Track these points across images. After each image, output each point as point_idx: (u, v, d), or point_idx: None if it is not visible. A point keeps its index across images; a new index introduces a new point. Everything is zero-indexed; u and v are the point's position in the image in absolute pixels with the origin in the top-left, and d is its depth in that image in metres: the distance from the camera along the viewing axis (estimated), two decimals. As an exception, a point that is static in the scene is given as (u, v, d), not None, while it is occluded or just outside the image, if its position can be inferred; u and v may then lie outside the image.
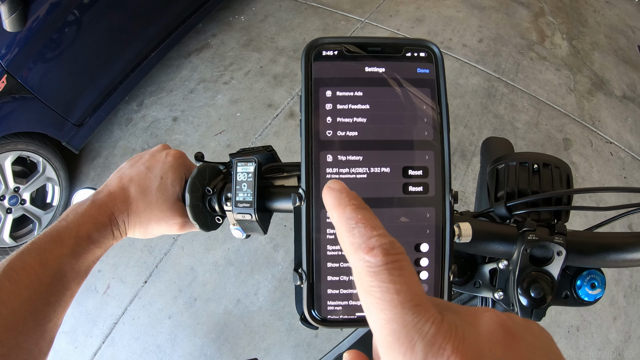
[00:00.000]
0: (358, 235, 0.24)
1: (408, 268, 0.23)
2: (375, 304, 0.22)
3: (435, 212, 0.38)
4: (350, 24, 3.65)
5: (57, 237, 0.52)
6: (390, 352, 0.21)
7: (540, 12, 4.01)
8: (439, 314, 0.22)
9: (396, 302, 0.21)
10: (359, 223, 0.24)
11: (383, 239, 0.23)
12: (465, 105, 3.04)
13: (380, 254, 0.23)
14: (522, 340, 0.22)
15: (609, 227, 2.10)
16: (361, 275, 0.23)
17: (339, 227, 0.25)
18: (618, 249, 0.56)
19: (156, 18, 2.94)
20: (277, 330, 2.14)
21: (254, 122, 2.96)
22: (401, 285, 0.22)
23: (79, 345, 2.18)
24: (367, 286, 0.22)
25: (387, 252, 0.23)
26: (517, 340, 0.22)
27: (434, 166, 0.38)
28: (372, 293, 0.22)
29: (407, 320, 0.21)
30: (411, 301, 0.21)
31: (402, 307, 0.21)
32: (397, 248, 0.23)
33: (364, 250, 0.23)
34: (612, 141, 2.99)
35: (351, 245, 0.24)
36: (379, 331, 0.22)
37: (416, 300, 0.22)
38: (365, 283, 0.22)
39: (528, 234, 0.55)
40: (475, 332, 0.22)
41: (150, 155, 0.64)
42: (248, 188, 0.55)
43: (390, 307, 0.21)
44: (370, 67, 0.38)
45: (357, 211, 0.25)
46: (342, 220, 0.25)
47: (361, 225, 0.24)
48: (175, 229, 0.62)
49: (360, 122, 0.37)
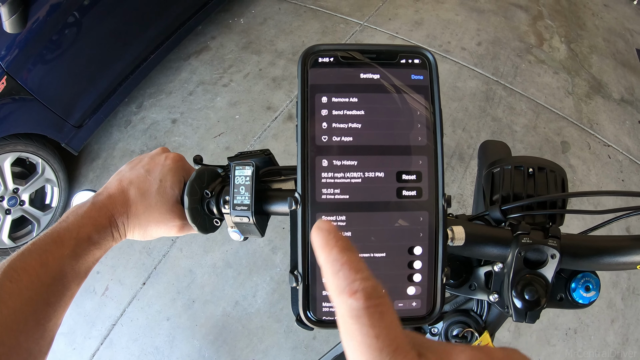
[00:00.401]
0: (342, 278, 0.24)
1: (388, 312, 0.23)
2: (356, 347, 0.22)
3: (429, 215, 0.38)
4: (349, 27, 3.66)
5: (57, 238, 0.53)
6: None
7: (538, 16, 4.03)
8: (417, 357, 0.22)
9: (375, 347, 0.22)
10: (344, 265, 0.25)
11: (366, 283, 0.24)
12: (463, 108, 3.05)
13: (362, 297, 0.23)
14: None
15: (607, 230, 2.11)
16: (344, 317, 0.23)
17: (325, 269, 0.25)
18: (611, 252, 0.57)
19: (156, 20, 2.95)
20: (275, 332, 2.14)
21: (253, 124, 2.97)
22: (380, 329, 0.22)
23: (77, 346, 2.18)
24: (349, 329, 0.23)
25: (369, 296, 0.23)
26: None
27: (427, 171, 0.39)
28: (353, 336, 0.23)
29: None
30: (390, 346, 0.22)
31: (381, 352, 0.22)
32: (378, 292, 0.24)
33: (347, 293, 0.23)
34: (610, 144, 3.00)
35: (335, 288, 0.24)
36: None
37: (394, 345, 0.22)
38: (347, 325, 0.23)
39: (522, 237, 0.56)
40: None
41: (150, 158, 0.65)
42: (246, 191, 0.56)
43: (370, 351, 0.22)
44: (365, 74, 0.39)
45: (342, 253, 0.25)
46: (327, 262, 0.25)
47: (345, 268, 0.24)
48: (174, 231, 0.63)
49: (355, 127, 0.38)
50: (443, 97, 3.08)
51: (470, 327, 0.74)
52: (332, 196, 0.38)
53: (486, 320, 0.75)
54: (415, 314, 0.39)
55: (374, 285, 0.24)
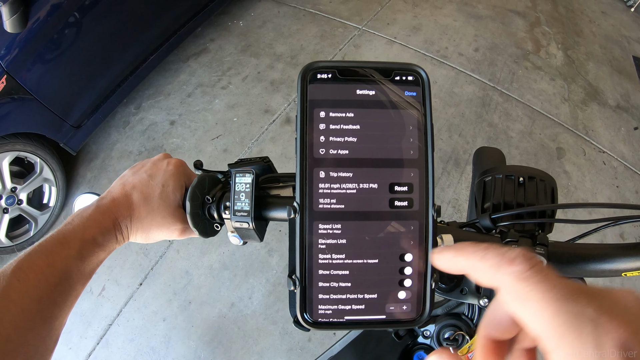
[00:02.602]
0: (493, 256, 0.27)
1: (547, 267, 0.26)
2: (537, 303, 0.24)
3: (419, 225, 0.41)
4: (348, 31, 3.68)
5: (63, 239, 0.54)
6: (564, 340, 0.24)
7: (536, 22, 4.06)
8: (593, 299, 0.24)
9: (557, 297, 0.24)
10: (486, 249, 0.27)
11: (516, 250, 0.26)
12: (460, 114, 3.07)
13: (523, 261, 0.26)
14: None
15: (601, 236, 2.13)
16: (513, 284, 0.25)
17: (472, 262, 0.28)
18: (597, 260, 0.59)
19: (155, 22, 2.97)
20: (271, 334, 2.16)
21: (251, 127, 2.98)
22: (552, 281, 0.25)
23: (73, 346, 2.19)
24: (522, 293, 0.25)
25: (527, 257, 0.26)
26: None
27: (418, 183, 0.41)
28: (529, 297, 0.25)
29: (571, 309, 0.24)
30: (568, 293, 0.24)
31: (564, 299, 0.24)
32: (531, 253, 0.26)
33: (506, 263, 0.26)
34: (605, 150, 3.03)
35: (492, 267, 0.27)
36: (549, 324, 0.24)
37: (571, 290, 0.24)
38: (520, 290, 0.25)
39: (510, 244, 0.58)
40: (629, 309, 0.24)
41: (152, 163, 0.67)
42: (245, 198, 0.58)
43: (553, 301, 0.24)
44: (362, 90, 0.41)
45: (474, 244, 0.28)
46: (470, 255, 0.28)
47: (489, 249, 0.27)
48: (176, 235, 0.65)
49: (351, 141, 0.40)
50: (440, 102, 3.11)
51: (461, 330, 0.76)
52: (328, 205, 0.40)
53: (477, 323, 0.76)
54: (406, 317, 0.41)
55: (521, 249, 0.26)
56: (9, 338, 0.46)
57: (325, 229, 0.39)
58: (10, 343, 0.46)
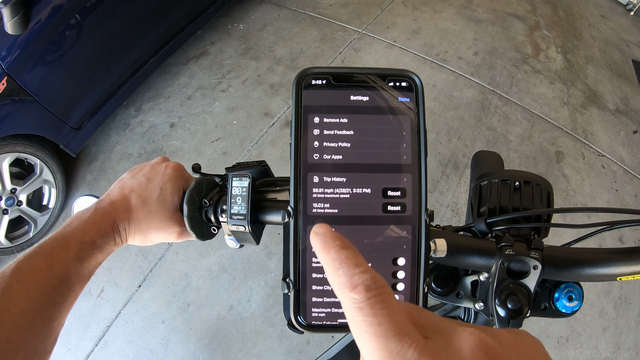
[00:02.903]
0: (343, 275, 0.26)
1: (389, 300, 0.25)
2: (362, 335, 0.24)
3: (412, 229, 0.41)
4: (348, 35, 3.69)
5: (62, 241, 0.55)
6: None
7: (535, 26, 4.07)
8: (421, 339, 0.23)
9: (380, 334, 0.23)
10: (343, 263, 0.26)
11: (364, 276, 0.25)
12: (459, 118, 3.08)
13: (362, 290, 0.25)
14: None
15: (600, 240, 2.12)
16: (349, 311, 0.25)
17: (327, 269, 0.27)
18: (591, 264, 0.59)
19: (156, 24, 2.98)
20: (269, 336, 2.16)
21: (250, 130, 2.99)
22: (383, 317, 0.24)
23: (71, 347, 2.19)
24: (355, 321, 0.25)
25: (369, 287, 0.25)
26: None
27: (411, 188, 0.41)
28: (359, 327, 0.24)
29: (392, 348, 0.23)
30: (393, 330, 0.23)
31: (386, 337, 0.23)
32: (378, 282, 0.25)
33: (348, 288, 0.25)
34: (604, 154, 3.03)
35: (338, 285, 0.26)
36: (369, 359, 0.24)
37: (398, 329, 0.24)
38: (353, 318, 0.25)
39: (505, 248, 0.58)
40: (458, 355, 0.23)
41: (150, 167, 0.67)
42: (242, 202, 0.58)
43: (375, 338, 0.23)
44: (355, 96, 0.41)
45: (340, 252, 0.27)
46: (328, 262, 0.27)
47: (345, 265, 0.26)
48: (173, 238, 0.66)
49: (345, 146, 0.41)
50: (439, 105, 3.12)
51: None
52: (322, 210, 0.40)
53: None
54: None
55: (373, 276, 0.26)
56: (9, 338, 0.46)
57: None
58: (10, 343, 0.46)
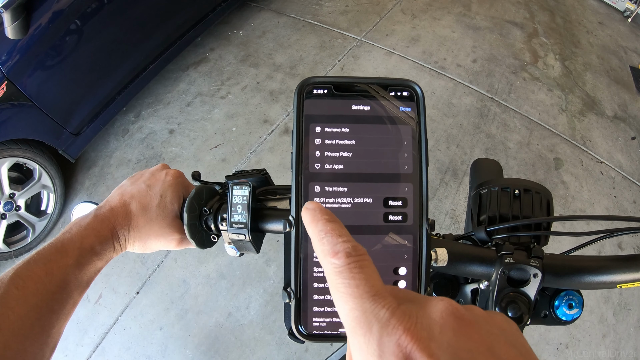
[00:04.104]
0: (326, 243, 0.28)
1: (367, 266, 0.27)
2: (341, 297, 0.26)
3: (413, 239, 0.41)
4: (347, 42, 3.70)
5: (61, 248, 0.55)
6: (354, 335, 0.25)
7: (534, 33, 4.09)
8: (394, 302, 0.25)
9: (356, 294, 0.25)
10: (328, 233, 0.29)
11: (346, 244, 0.28)
12: (458, 125, 3.08)
13: (343, 256, 0.27)
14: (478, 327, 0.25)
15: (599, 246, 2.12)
16: (329, 275, 0.27)
17: (313, 239, 0.30)
18: (591, 272, 0.60)
19: (156, 31, 2.99)
20: (268, 344, 2.15)
21: (250, 137, 2.99)
22: (360, 280, 0.26)
23: (69, 353, 2.18)
24: (334, 284, 0.27)
25: (349, 254, 0.27)
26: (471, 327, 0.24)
27: (412, 197, 0.41)
28: (338, 289, 0.26)
29: (366, 307, 0.25)
30: (369, 292, 0.25)
31: (361, 298, 0.25)
32: (358, 250, 0.28)
33: (330, 254, 0.28)
34: (603, 161, 3.04)
35: (322, 252, 0.28)
36: (345, 320, 0.25)
37: (373, 291, 0.25)
38: (333, 281, 0.27)
39: (506, 257, 0.58)
40: (428, 317, 0.24)
41: (151, 174, 0.67)
42: (242, 210, 0.58)
43: (352, 298, 0.25)
44: (357, 105, 0.41)
45: (327, 224, 0.30)
46: (315, 233, 0.30)
47: (329, 235, 0.29)
48: (173, 245, 0.66)
49: (346, 156, 0.41)
50: (438, 113, 3.12)
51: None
52: None
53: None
54: None
55: (353, 245, 0.28)
56: (8, 345, 0.46)
57: None
58: (8, 350, 0.46)
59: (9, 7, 2.01)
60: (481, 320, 0.26)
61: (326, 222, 0.30)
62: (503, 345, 0.24)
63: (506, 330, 0.26)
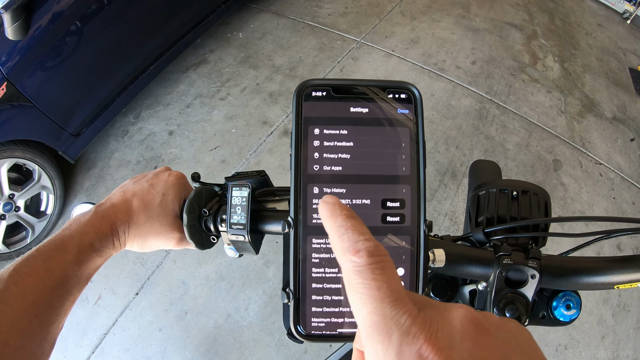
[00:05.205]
0: (347, 240, 0.27)
1: (389, 268, 0.26)
2: (359, 299, 0.25)
3: (411, 239, 0.41)
4: (346, 44, 3.71)
5: (61, 245, 0.55)
6: (371, 341, 0.24)
7: (533, 35, 4.10)
8: (415, 308, 0.24)
9: (377, 297, 0.24)
10: (348, 229, 0.28)
11: (368, 243, 0.27)
12: (457, 127, 3.09)
13: (365, 255, 0.26)
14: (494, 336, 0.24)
15: (598, 247, 2.12)
16: (348, 274, 0.26)
17: (331, 234, 0.28)
18: (589, 273, 0.60)
19: (156, 32, 2.99)
20: (267, 345, 2.15)
21: (249, 138, 2.99)
22: (382, 282, 0.25)
23: (68, 354, 2.17)
24: (353, 283, 0.25)
25: (371, 253, 0.26)
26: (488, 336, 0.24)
27: (410, 199, 0.42)
28: (357, 289, 0.25)
29: (386, 313, 0.24)
30: (390, 296, 0.24)
31: (382, 302, 0.24)
32: (380, 250, 0.26)
33: (351, 252, 0.26)
34: (602, 162, 3.04)
35: (340, 249, 0.27)
36: (362, 323, 0.25)
37: (395, 295, 0.24)
38: (352, 281, 0.26)
39: (503, 258, 0.59)
40: (449, 325, 0.24)
41: (154, 174, 0.68)
42: (242, 211, 0.58)
43: (372, 301, 0.24)
44: (355, 107, 0.42)
45: (347, 220, 0.28)
46: (334, 228, 0.28)
47: (350, 232, 0.27)
48: (173, 244, 0.66)
49: (345, 158, 0.41)
50: (437, 114, 3.13)
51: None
52: (321, 221, 0.40)
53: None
54: None
55: (375, 244, 0.27)
56: (7, 342, 0.46)
57: (319, 244, 0.40)
58: (7, 347, 0.46)
59: (9, 8, 2.01)
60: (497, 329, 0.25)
61: (346, 217, 0.28)
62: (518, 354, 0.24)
63: (519, 337, 0.26)
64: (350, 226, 0.28)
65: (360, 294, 0.25)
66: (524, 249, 0.61)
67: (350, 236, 0.27)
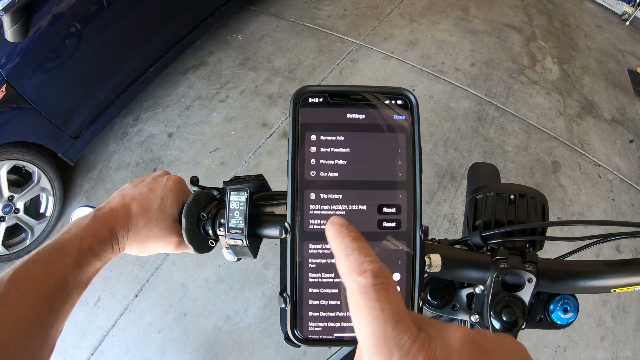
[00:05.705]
0: (353, 260, 0.28)
1: (393, 290, 0.27)
2: (363, 319, 0.25)
3: (407, 245, 0.42)
4: (345, 46, 3.71)
5: (60, 248, 0.55)
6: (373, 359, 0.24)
7: (532, 37, 4.11)
8: (416, 329, 0.25)
9: (380, 318, 0.25)
10: (355, 250, 0.28)
11: (374, 264, 0.27)
12: (456, 129, 3.09)
13: (370, 276, 0.26)
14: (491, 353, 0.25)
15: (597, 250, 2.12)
16: (353, 293, 0.27)
17: (338, 254, 0.29)
18: (586, 277, 0.60)
19: (155, 34, 2.99)
20: (266, 347, 2.15)
21: (248, 140, 3.00)
22: (385, 303, 0.25)
23: (67, 356, 2.17)
24: (357, 303, 0.26)
25: (377, 275, 0.27)
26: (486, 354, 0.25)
27: (406, 204, 0.42)
28: (361, 309, 0.26)
29: (388, 333, 0.24)
30: (393, 317, 0.25)
31: (385, 323, 0.25)
32: (385, 272, 0.27)
33: (357, 272, 0.27)
34: (601, 164, 3.04)
35: (347, 269, 0.28)
36: (365, 342, 0.25)
37: (397, 317, 0.25)
38: (356, 300, 0.26)
39: (500, 262, 0.59)
40: (447, 345, 0.25)
41: (152, 178, 0.68)
42: (240, 216, 0.59)
43: (375, 321, 0.25)
44: (352, 114, 0.42)
45: (354, 241, 0.29)
46: (340, 248, 0.29)
47: (356, 252, 0.28)
48: (171, 248, 0.66)
49: (341, 164, 0.41)
50: (436, 116, 3.13)
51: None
52: (318, 226, 0.41)
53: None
54: None
55: (381, 266, 0.27)
56: (6, 345, 0.46)
57: (316, 249, 0.40)
58: (7, 350, 0.46)
59: (8, 10, 2.01)
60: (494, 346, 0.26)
61: (353, 239, 0.29)
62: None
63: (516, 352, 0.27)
64: (356, 247, 0.28)
65: (364, 313, 0.26)
66: (521, 253, 0.61)
67: (356, 257, 0.28)
